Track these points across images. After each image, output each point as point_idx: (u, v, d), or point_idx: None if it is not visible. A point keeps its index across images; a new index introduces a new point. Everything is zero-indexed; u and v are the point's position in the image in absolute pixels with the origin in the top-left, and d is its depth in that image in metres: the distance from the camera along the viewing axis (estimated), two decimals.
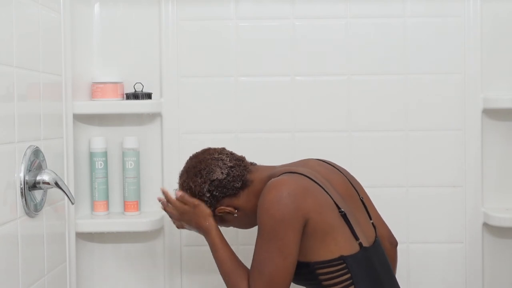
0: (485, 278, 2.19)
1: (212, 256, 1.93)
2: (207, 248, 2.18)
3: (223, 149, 1.86)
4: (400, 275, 1.90)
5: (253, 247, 2.18)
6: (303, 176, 1.70)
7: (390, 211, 2.08)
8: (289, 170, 1.73)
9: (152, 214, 2.19)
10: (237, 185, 1.77)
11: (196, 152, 1.87)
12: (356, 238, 1.67)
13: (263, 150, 2.18)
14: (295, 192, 1.63)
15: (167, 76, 2.19)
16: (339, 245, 1.65)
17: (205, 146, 2.17)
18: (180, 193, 1.81)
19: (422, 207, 2.20)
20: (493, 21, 2.18)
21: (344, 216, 1.68)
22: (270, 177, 1.75)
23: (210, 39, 2.20)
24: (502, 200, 2.21)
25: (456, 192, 2.19)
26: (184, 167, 1.85)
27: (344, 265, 1.64)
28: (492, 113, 2.19)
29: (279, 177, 1.69)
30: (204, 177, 1.78)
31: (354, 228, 1.68)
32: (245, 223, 1.83)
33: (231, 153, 1.84)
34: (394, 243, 1.89)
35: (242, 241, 2.10)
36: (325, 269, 1.63)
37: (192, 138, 2.20)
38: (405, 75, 2.19)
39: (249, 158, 2.01)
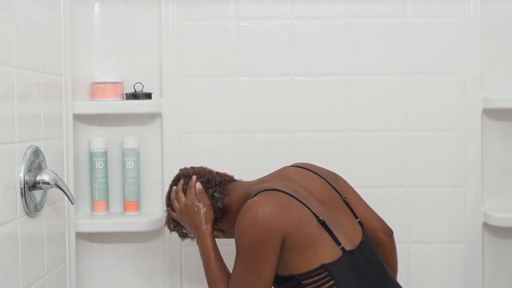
0: (485, 278, 2.19)
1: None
2: None
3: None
4: (400, 275, 1.90)
5: None
6: (278, 192, 1.71)
7: (390, 211, 2.08)
8: (264, 188, 1.74)
9: (152, 214, 2.19)
10: (217, 215, 1.83)
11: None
12: (338, 243, 1.68)
13: (263, 150, 2.18)
14: (270, 212, 1.65)
15: (167, 76, 2.19)
16: (319, 254, 1.66)
17: (205, 146, 2.18)
18: (200, 186, 1.83)
19: (422, 207, 2.20)
20: (493, 21, 2.18)
21: (323, 224, 1.68)
22: (245, 196, 1.78)
23: (210, 39, 2.20)
24: (502, 200, 2.21)
25: (456, 192, 2.19)
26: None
27: (326, 272, 1.64)
28: (492, 113, 2.19)
29: (254, 197, 1.71)
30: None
31: (335, 233, 1.69)
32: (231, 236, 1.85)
33: (207, 180, 1.87)
34: (388, 233, 1.89)
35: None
36: (309, 280, 1.65)
37: (192, 138, 2.20)
38: (405, 75, 2.19)
39: (249, 158, 2.02)
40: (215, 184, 1.85)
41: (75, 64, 2.07)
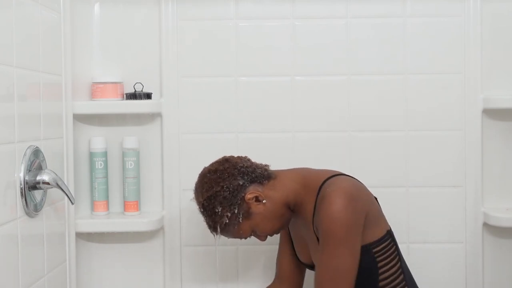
0: (485, 278, 2.19)
1: (210, 257, 1.93)
2: (207, 248, 2.18)
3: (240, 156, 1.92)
4: None
5: (254, 247, 2.19)
6: (345, 175, 1.84)
7: (390, 211, 2.08)
8: (331, 174, 1.82)
9: (152, 214, 2.19)
10: (264, 173, 1.84)
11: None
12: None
13: (263, 150, 2.17)
14: (353, 194, 1.74)
15: (167, 76, 2.19)
16: (385, 221, 1.84)
17: (205, 146, 2.18)
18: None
19: (422, 207, 2.19)
20: (493, 21, 2.17)
21: (376, 198, 1.87)
22: (305, 178, 1.84)
23: (210, 39, 2.19)
24: (502, 200, 2.21)
25: (456, 192, 2.19)
26: (206, 176, 1.86)
27: (391, 238, 1.82)
28: (492, 113, 2.19)
29: (331, 187, 1.75)
30: (232, 168, 1.83)
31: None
32: (270, 219, 1.82)
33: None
34: None
35: (243, 241, 2.09)
36: (379, 247, 1.78)
37: (192, 138, 2.20)
38: (405, 75, 2.19)
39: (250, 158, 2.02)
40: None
41: (75, 64, 2.07)
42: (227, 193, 1.79)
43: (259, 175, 1.83)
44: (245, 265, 2.22)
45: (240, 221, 1.80)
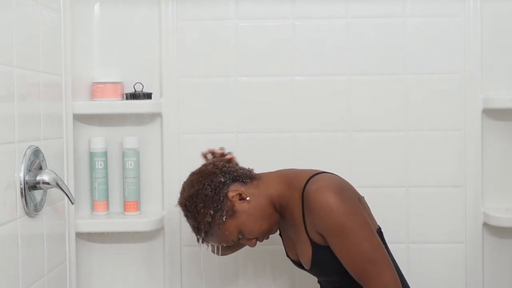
0: (485, 278, 2.19)
1: (210, 257, 1.93)
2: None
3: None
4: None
5: (254, 247, 2.18)
6: (328, 173, 1.82)
7: (390, 211, 2.08)
8: (314, 172, 1.81)
9: (152, 214, 2.19)
10: (246, 173, 1.83)
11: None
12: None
13: (263, 150, 2.18)
14: (339, 185, 1.75)
15: (167, 76, 2.19)
16: (374, 219, 1.83)
17: (205, 146, 2.18)
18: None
19: (422, 207, 2.19)
20: (493, 21, 2.18)
21: (363, 198, 1.84)
22: (288, 178, 1.82)
23: (210, 39, 2.20)
24: (502, 200, 2.21)
25: (456, 192, 2.19)
26: (188, 178, 1.87)
27: (380, 237, 1.78)
28: (492, 113, 2.19)
29: (315, 184, 1.75)
30: (214, 168, 1.82)
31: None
32: (256, 218, 1.78)
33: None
34: None
35: None
36: None
37: (192, 138, 2.20)
38: (405, 75, 2.19)
39: (249, 158, 2.02)
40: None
41: (75, 64, 2.07)
42: (209, 190, 1.77)
43: (241, 174, 1.82)
44: (245, 266, 2.22)
45: (224, 219, 1.76)
